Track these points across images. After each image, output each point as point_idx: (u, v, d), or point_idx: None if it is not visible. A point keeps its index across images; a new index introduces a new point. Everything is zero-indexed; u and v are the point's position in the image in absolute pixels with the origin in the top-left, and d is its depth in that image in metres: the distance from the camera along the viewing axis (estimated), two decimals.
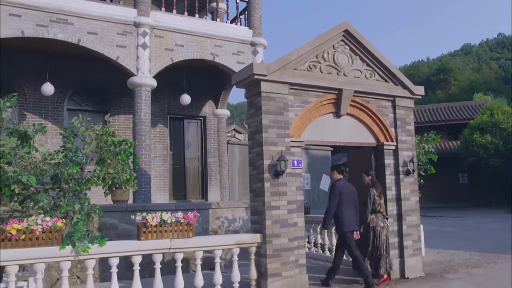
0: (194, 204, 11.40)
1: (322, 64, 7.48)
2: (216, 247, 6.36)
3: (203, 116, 14.65)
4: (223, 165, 14.52)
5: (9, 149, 5.54)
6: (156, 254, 5.89)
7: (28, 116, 12.11)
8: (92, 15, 10.79)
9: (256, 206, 6.86)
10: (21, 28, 10.09)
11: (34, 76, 12.19)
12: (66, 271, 5.45)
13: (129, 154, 6.73)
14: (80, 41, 10.62)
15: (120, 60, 10.97)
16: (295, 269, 6.77)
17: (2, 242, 5.13)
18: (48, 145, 11.78)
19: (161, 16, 11.67)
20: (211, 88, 14.71)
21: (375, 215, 7.59)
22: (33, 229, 5.25)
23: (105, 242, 5.53)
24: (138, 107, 11.04)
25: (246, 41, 12.75)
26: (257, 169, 6.86)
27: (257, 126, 6.84)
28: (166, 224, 5.92)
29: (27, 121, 12.13)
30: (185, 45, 11.85)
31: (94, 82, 13.03)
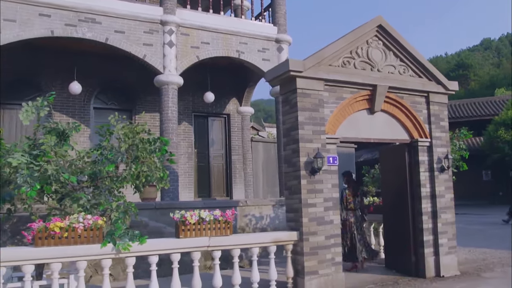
0: (221, 202, 11.38)
1: (356, 60, 7.39)
2: (253, 245, 6.33)
3: (227, 114, 14.63)
4: (247, 163, 14.49)
5: (50, 148, 5.55)
6: (194, 252, 5.88)
7: (55, 115, 12.21)
8: (119, 13, 10.81)
9: (292, 203, 6.80)
10: (51, 28, 10.16)
11: (61, 75, 12.30)
12: (107, 269, 5.47)
13: (165, 151, 6.72)
14: (108, 40, 10.65)
15: (147, 59, 10.98)
16: (332, 267, 6.70)
17: (46, 240, 5.16)
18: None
19: (186, 14, 11.65)
20: (235, 85, 14.68)
21: (346, 212, 8.62)
22: (75, 227, 5.27)
23: (145, 240, 5.53)
24: (165, 105, 11.05)
25: (271, 38, 12.67)
26: (292, 166, 6.80)
27: (293, 123, 6.78)
28: (204, 222, 5.91)
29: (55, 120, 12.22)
30: (210, 43, 11.82)
31: (119, 80, 13.09)
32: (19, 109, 12.06)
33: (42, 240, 5.13)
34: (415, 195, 8.01)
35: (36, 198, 5.94)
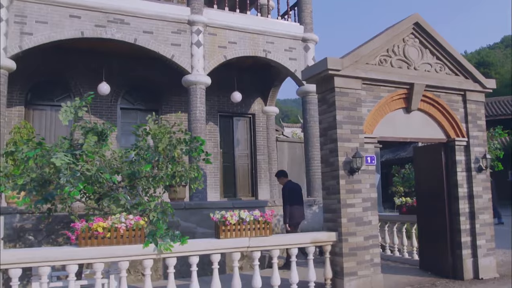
0: (249, 202, 11.34)
1: (392, 58, 7.27)
2: (292, 245, 6.26)
3: (252, 114, 14.58)
4: (272, 163, 14.42)
5: (91, 148, 5.56)
6: (234, 252, 5.83)
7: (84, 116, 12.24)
8: (147, 14, 10.84)
9: (330, 204, 6.72)
10: (81, 29, 10.22)
11: (89, 75, 12.38)
12: (148, 269, 5.45)
13: (201, 151, 6.69)
14: (137, 41, 10.68)
15: (175, 59, 10.99)
16: (371, 268, 6.60)
17: (89, 240, 5.16)
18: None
19: (214, 13, 11.63)
20: (260, 85, 14.63)
21: None
22: (117, 227, 5.26)
23: (186, 241, 5.50)
24: (193, 105, 11.04)
25: (297, 37, 12.58)
26: (330, 166, 6.71)
27: (331, 122, 6.69)
28: (244, 223, 5.86)
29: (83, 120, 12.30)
30: (237, 42, 11.79)
31: (145, 81, 13.13)
32: (48, 109, 12.23)
33: (85, 240, 5.13)
34: (452, 195, 7.86)
35: (76, 198, 5.96)
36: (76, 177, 5.24)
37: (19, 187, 5.61)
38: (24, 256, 4.94)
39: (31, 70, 11.38)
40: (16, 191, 5.59)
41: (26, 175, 5.66)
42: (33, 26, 9.86)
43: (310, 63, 12.53)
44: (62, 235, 8.19)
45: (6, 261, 4.80)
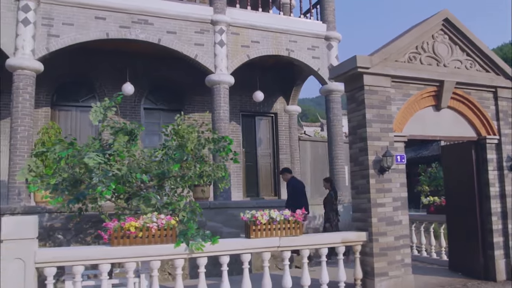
0: (274, 201, 11.30)
1: (422, 55, 7.14)
2: (322, 245, 6.20)
3: (274, 113, 14.54)
4: (295, 162, 14.36)
5: (122, 147, 5.59)
6: (265, 252, 5.79)
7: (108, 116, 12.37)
8: (171, 14, 10.90)
9: (360, 203, 6.63)
10: (106, 30, 10.33)
11: (113, 76, 12.48)
12: (180, 268, 5.44)
13: (229, 151, 6.68)
14: (160, 41, 10.75)
15: (198, 58, 11.02)
16: (401, 269, 6.50)
17: (121, 239, 5.18)
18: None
19: (236, 13, 11.63)
20: (282, 84, 14.58)
21: (333, 212, 9.78)
22: (149, 227, 5.27)
23: (217, 240, 5.48)
24: (217, 104, 11.06)
25: (320, 36, 12.50)
26: (360, 165, 6.63)
27: (360, 120, 6.61)
28: (274, 222, 5.82)
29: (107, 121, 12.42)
30: (260, 42, 11.76)
31: (168, 81, 13.19)
32: (73, 110, 12.38)
33: (118, 239, 5.15)
34: (483, 194, 7.69)
35: (107, 197, 6.00)
36: (108, 177, 5.26)
37: (51, 187, 5.67)
38: (59, 255, 4.99)
39: (57, 71, 11.51)
40: (49, 191, 5.64)
41: (58, 175, 5.72)
42: (60, 28, 9.99)
43: (334, 61, 12.44)
44: (90, 234, 8.28)
45: (42, 260, 4.84)
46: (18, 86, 9.49)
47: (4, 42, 9.54)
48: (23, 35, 9.59)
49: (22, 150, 9.33)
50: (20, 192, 9.20)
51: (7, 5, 9.65)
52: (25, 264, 4.81)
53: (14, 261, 4.77)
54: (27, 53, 9.58)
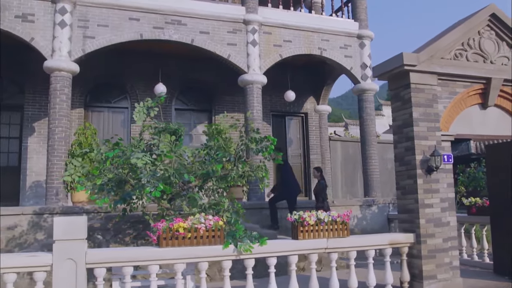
0: (309, 202, 11.17)
1: (468, 52, 6.95)
2: (369, 247, 6.07)
3: (304, 113, 14.41)
4: (325, 162, 14.21)
5: (169, 147, 5.56)
6: (312, 254, 5.69)
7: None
8: (203, 14, 10.87)
9: (406, 204, 6.48)
10: (140, 31, 10.36)
11: (144, 77, 12.52)
12: (227, 270, 5.38)
13: (272, 151, 6.60)
14: (194, 41, 10.73)
15: (231, 58, 10.97)
16: (450, 272, 6.32)
17: (170, 240, 5.14)
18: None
19: (268, 12, 11.55)
20: (312, 84, 14.45)
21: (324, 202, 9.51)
22: (197, 228, 5.22)
23: (265, 242, 5.40)
24: (250, 104, 10.99)
25: (352, 34, 12.33)
26: (406, 165, 6.47)
27: (406, 119, 6.46)
28: (322, 223, 5.71)
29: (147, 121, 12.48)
30: (292, 41, 11.66)
31: (198, 82, 13.17)
32: (106, 111, 12.46)
33: (166, 240, 5.11)
34: None
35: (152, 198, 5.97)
36: (155, 178, 5.23)
37: (97, 187, 5.67)
38: (109, 256, 4.98)
39: (90, 73, 11.59)
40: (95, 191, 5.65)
41: (103, 176, 5.72)
42: (95, 30, 10.06)
43: (366, 60, 12.27)
44: (129, 235, 8.29)
45: (92, 261, 4.84)
46: (56, 87, 9.58)
47: (42, 45, 9.63)
48: (60, 37, 9.68)
49: (59, 151, 9.40)
50: (58, 192, 9.28)
51: (44, 8, 9.76)
52: (77, 264, 4.81)
53: (66, 262, 4.77)
54: (64, 55, 9.67)
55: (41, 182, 11.52)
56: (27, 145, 11.58)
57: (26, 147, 11.58)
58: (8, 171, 11.68)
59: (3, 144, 11.74)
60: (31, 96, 11.77)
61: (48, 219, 8.66)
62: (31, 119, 11.69)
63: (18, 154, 11.77)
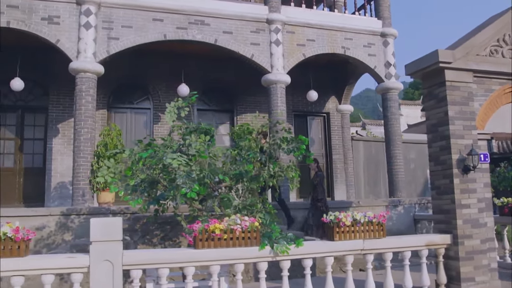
0: (335, 202, 11.09)
1: (504, 48, 6.78)
2: (406, 248, 5.94)
3: (326, 113, 14.28)
4: (348, 162, 14.06)
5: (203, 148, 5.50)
6: (348, 255, 5.59)
7: (162, 118, 12.45)
8: (226, 14, 10.83)
9: (442, 204, 6.34)
10: (164, 32, 10.35)
11: (166, 78, 12.53)
12: (263, 272, 5.30)
13: (303, 151, 6.51)
14: (217, 41, 10.69)
15: (254, 58, 10.91)
16: (488, 274, 6.17)
17: (206, 242, 5.08)
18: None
19: (291, 11, 11.47)
20: (334, 83, 14.32)
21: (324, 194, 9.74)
22: (233, 229, 5.16)
23: (301, 243, 5.32)
24: (274, 104, 10.91)
25: (376, 32, 12.19)
26: (441, 165, 6.34)
27: (441, 118, 6.32)
28: (358, 224, 5.61)
29: (161, 122, 12.50)
30: (316, 40, 11.56)
31: (220, 82, 13.13)
32: (128, 112, 12.49)
33: (202, 242, 5.05)
34: None
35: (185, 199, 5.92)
36: (191, 178, 5.18)
37: (130, 188, 5.64)
38: (146, 257, 4.94)
39: (113, 74, 11.61)
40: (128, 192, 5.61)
41: (136, 176, 5.69)
42: (119, 31, 10.07)
43: (390, 59, 12.11)
44: (157, 236, 8.27)
45: (129, 262, 4.80)
46: (81, 88, 9.61)
47: (68, 46, 9.67)
48: (85, 38, 9.70)
49: (85, 152, 9.43)
50: (84, 193, 9.30)
51: (70, 10, 9.80)
52: (113, 266, 4.77)
53: (103, 263, 4.75)
54: (89, 56, 9.69)
55: (65, 183, 11.59)
56: (51, 146, 11.66)
57: (50, 148, 11.65)
58: (33, 172, 11.78)
59: (28, 145, 11.84)
60: (55, 98, 11.84)
61: (75, 220, 8.68)
62: (55, 121, 11.76)
63: (43, 155, 11.86)
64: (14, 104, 11.79)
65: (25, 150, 11.78)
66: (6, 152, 11.69)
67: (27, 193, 11.66)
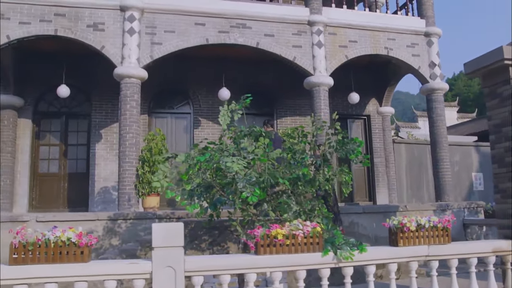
0: (381, 206, 10.81)
1: None
2: (472, 254, 5.67)
3: (367, 115, 14.02)
4: (390, 166, 13.75)
5: (263, 151, 5.39)
6: (412, 262, 5.37)
7: (202, 122, 12.45)
8: (268, 17, 10.76)
9: (507, 208, 6.03)
10: (206, 36, 10.34)
11: (206, 83, 12.54)
12: (325, 279, 5.13)
13: (359, 153, 6.32)
14: (259, 44, 10.62)
15: (297, 61, 10.78)
16: None
17: (268, 248, 4.95)
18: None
19: (333, 12, 11.31)
20: (375, 85, 14.04)
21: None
22: (295, 234, 5.01)
23: (365, 249, 5.13)
24: (317, 107, 10.75)
25: (419, 32, 11.89)
26: (506, 167, 6.04)
27: (505, 118, 6.03)
28: (422, 229, 5.39)
29: (202, 126, 12.49)
30: (358, 41, 11.35)
31: (259, 86, 13.04)
32: (169, 117, 12.52)
33: (264, 247, 4.93)
34: None
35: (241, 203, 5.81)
36: (251, 182, 5.07)
37: (187, 193, 5.57)
38: (207, 264, 4.84)
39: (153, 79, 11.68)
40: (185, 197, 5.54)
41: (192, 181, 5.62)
42: (162, 36, 10.11)
43: (434, 58, 11.79)
44: (205, 241, 8.20)
45: (191, 268, 4.71)
46: (126, 94, 9.67)
47: (112, 52, 9.75)
48: (129, 44, 9.77)
49: (130, 157, 9.47)
50: (130, 198, 9.33)
51: (114, 17, 9.90)
52: (176, 272, 4.69)
53: (165, 269, 4.67)
54: (133, 62, 9.75)
55: (108, 188, 11.69)
56: (94, 151, 11.79)
57: (94, 153, 11.78)
58: (77, 177, 11.93)
59: (72, 151, 12.01)
60: (97, 104, 11.98)
61: (122, 225, 8.69)
62: (98, 126, 11.89)
63: (86, 161, 12.00)
64: (59, 110, 11.99)
65: (69, 156, 11.95)
66: (51, 157, 11.89)
67: (71, 198, 11.81)
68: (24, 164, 11.52)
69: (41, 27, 9.54)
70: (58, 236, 4.72)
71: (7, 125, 11.15)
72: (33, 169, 11.69)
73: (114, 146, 11.80)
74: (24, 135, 11.61)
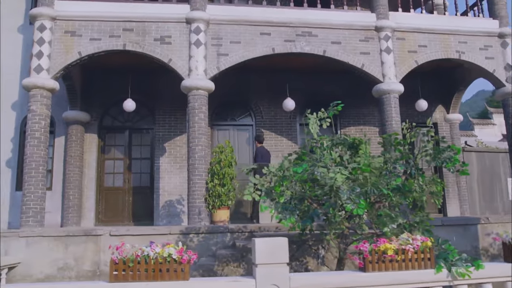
0: (460, 219, 10.23)
1: None
2: None
3: (433, 123, 13.41)
4: (460, 176, 13.05)
5: (367, 160, 5.07)
6: None
7: (265, 134, 12.22)
8: (334, 24, 10.47)
9: None
10: (271, 45, 10.15)
11: (267, 94, 12.35)
12: None
13: (457, 161, 5.90)
14: (326, 52, 10.33)
15: (365, 68, 10.41)
16: None
17: (377, 264, 4.61)
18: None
19: (400, 16, 10.89)
20: (441, 91, 13.45)
21: None
22: (405, 249, 4.65)
23: (482, 265, 4.70)
24: (388, 115, 10.32)
25: (492, 34, 11.29)
26: None
27: None
28: None
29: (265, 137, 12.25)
30: (427, 45, 10.87)
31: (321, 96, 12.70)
32: (231, 129, 12.39)
33: (373, 264, 4.59)
34: None
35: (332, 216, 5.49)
36: (356, 193, 4.75)
37: (280, 206, 5.30)
38: (313, 282, 4.54)
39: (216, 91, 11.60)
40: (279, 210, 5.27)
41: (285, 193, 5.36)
42: (228, 47, 10.00)
43: (510, 60, 11.14)
44: None
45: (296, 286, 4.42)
46: (194, 106, 9.58)
47: (179, 65, 9.71)
48: (196, 56, 9.70)
49: (200, 170, 9.33)
50: (200, 212, 9.17)
51: (180, 29, 9.87)
52: None
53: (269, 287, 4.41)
54: (200, 74, 9.67)
55: (173, 202, 11.61)
56: (159, 165, 11.77)
57: (158, 167, 11.76)
58: (141, 191, 11.94)
59: (136, 165, 12.04)
60: (161, 118, 12.00)
61: (194, 239, 8.52)
62: (161, 140, 11.89)
63: (150, 174, 11.99)
64: (123, 125, 12.08)
65: (133, 170, 11.99)
66: (116, 171, 11.95)
67: (136, 212, 11.82)
68: (90, 179, 11.63)
69: (110, 43, 9.61)
70: (157, 252, 4.56)
71: (75, 140, 11.29)
72: (99, 183, 11.78)
73: (178, 159, 11.75)
74: (90, 150, 11.74)
